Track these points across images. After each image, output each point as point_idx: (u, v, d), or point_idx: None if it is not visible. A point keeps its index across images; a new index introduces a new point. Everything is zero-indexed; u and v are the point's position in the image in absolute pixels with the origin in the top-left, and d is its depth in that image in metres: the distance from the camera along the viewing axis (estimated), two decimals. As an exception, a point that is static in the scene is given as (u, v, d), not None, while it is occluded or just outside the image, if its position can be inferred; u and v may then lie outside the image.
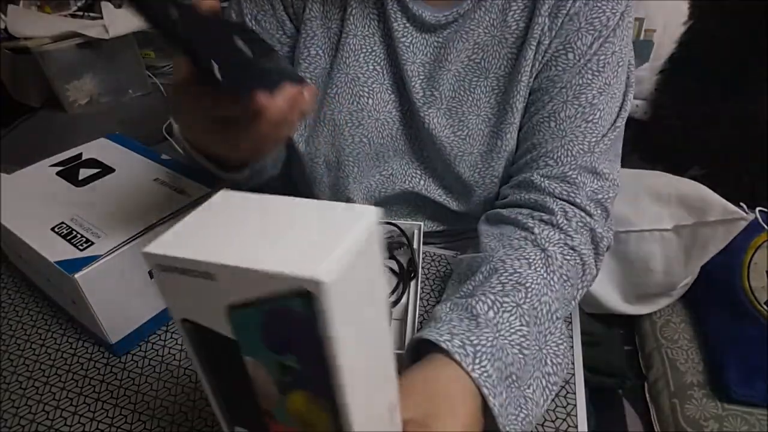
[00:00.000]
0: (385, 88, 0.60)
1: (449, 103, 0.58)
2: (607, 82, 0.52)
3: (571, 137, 0.52)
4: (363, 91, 0.59)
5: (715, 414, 0.86)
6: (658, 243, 0.98)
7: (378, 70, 0.59)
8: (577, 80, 0.52)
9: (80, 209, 0.49)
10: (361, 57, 0.58)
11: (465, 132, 0.58)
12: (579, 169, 0.51)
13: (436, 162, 0.62)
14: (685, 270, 0.98)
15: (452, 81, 0.57)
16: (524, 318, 0.41)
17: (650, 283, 1.01)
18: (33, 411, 0.44)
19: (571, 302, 0.48)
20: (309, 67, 0.60)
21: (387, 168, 0.64)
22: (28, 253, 0.46)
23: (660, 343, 1.01)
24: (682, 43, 1.05)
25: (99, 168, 0.55)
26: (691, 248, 0.95)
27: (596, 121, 0.52)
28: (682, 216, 0.95)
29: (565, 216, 0.49)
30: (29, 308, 0.54)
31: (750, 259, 0.92)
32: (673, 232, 0.96)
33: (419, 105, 0.58)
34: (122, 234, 0.45)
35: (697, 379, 0.92)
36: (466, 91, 0.57)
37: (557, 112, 0.53)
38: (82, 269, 0.42)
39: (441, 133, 0.58)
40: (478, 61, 0.56)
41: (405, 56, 0.56)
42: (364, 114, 0.60)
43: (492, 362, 0.37)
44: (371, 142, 0.62)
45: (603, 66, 0.52)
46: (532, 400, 0.40)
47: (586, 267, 0.49)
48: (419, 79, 0.57)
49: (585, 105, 0.52)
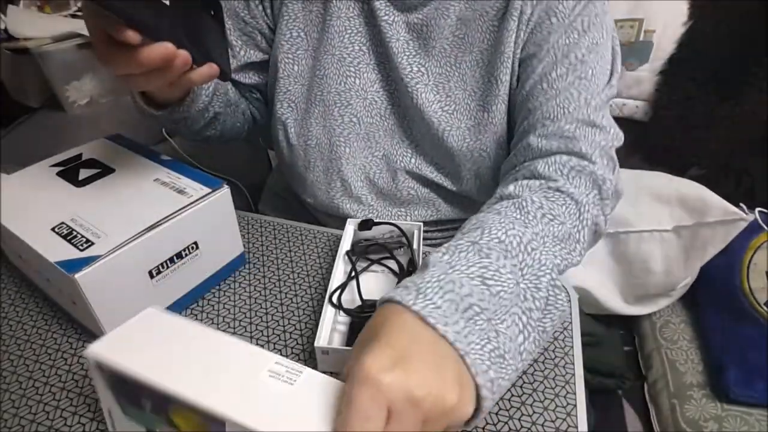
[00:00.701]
0: (372, 68, 0.61)
1: (436, 79, 0.59)
2: (594, 41, 0.52)
3: (566, 95, 0.51)
4: (350, 71, 0.61)
5: (714, 414, 0.86)
6: (657, 243, 0.98)
7: (364, 51, 0.61)
8: (564, 40, 0.52)
9: (80, 209, 0.49)
10: (346, 38, 0.59)
11: (452, 107, 0.59)
12: (577, 122, 0.50)
13: (425, 138, 0.63)
14: (684, 271, 0.98)
15: (438, 57, 0.58)
16: (483, 251, 0.38)
17: (650, 283, 1.01)
18: (33, 411, 0.44)
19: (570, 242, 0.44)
20: (291, 48, 0.62)
21: (379, 149, 0.65)
22: (28, 253, 0.46)
23: (660, 344, 1.01)
24: (682, 43, 1.05)
25: (99, 168, 0.55)
26: (691, 249, 0.95)
27: (589, 78, 0.51)
28: (682, 217, 0.95)
29: (555, 165, 0.48)
30: (29, 308, 0.54)
31: (749, 260, 0.92)
32: (673, 232, 0.96)
33: (407, 81, 0.59)
34: (122, 234, 0.45)
35: (697, 379, 0.92)
36: (452, 67, 0.58)
37: (548, 74, 0.52)
38: (82, 269, 0.42)
39: (429, 108, 0.59)
40: (462, 36, 0.57)
41: (389, 34, 0.58)
42: (352, 94, 0.62)
43: (441, 294, 0.34)
44: (361, 122, 0.63)
45: (588, 26, 0.52)
46: (505, 334, 0.34)
47: (581, 206, 0.46)
48: (405, 55, 0.58)
49: (575, 63, 0.52)
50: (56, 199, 0.50)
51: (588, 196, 0.47)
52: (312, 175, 0.68)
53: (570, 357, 0.48)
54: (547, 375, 0.46)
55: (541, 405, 0.44)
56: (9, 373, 0.47)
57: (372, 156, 0.65)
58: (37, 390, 0.46)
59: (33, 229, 0.46)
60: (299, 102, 0.64)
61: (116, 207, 0.49)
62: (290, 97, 0.64)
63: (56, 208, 0.49)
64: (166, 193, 0.51)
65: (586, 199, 0.46)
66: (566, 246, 0.43)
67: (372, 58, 0.61)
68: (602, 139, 0.50)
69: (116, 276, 0.45)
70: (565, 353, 0.48)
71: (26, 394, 0.45)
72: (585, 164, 0.48)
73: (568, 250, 0.43)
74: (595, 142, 0.49)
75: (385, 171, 0.66)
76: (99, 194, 0.51)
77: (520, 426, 0.42)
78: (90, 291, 0.43)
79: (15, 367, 0.48)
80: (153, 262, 0.47)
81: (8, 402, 0.45)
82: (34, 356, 0.49)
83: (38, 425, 0.43)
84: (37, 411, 0.44)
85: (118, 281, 0.45)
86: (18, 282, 0.57)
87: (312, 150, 0.65)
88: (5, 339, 0.50)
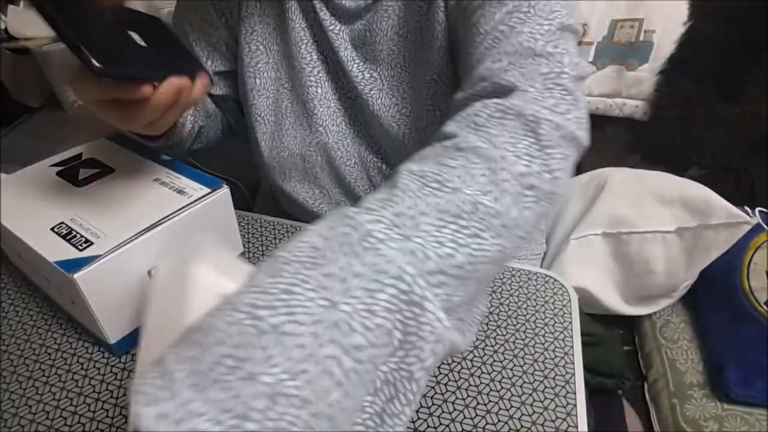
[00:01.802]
0: (330, 77, 0.61)
1: (389, 82, 0.58)
2: None
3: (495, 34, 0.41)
4: (311, 81, 0.61)
5: (714, 414, 0.86)
6: (660, 245, 0.98)
7: (321, 59, 0.60)
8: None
9: (80, 209, 0.49)
10: (303, 48, 0.59)
11: (409, 108, 0.58)
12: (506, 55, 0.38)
13: (388, 144, 0.62)
14: (686, 272, 0.98)
15: (388, 60, 0.58)
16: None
17: (651, 284, 1.01)
18: (33, 411, 0.44)
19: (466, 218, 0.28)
20: (251, 62, 0.62)
21: (350, 156, 0.65)
22: (28, 253, 0.46)
23: (660, 344, 1.01)
24: (682, 43, 1.05)
25: (99, 168, 0.55)
26: (694, 251, 0.95)
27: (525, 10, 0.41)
28: (685, 218, 0.95)
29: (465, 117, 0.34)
30: (29, 308, 0.54)
31: (750, 260, 0.92)
32: (676, 234, 0.96)
33: (361, 88, 0.59)
34: (122, 234, 0.45)
35: (697, 379, 0.92)
36: (402, 68, 0.58)
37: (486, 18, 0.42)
38: (82, 269, 0.42)
39: (387, 114, 0.59)
40: (406, 35, 0.56)
41: (336, 43, 0.57)
42: (315, 103, 0.62)
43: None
44: (328, 131, 0.63)
45: None
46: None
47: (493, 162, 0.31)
48: (355, 63, 0.58)
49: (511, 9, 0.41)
50: (56, 199, 0.50)
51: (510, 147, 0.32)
52: (289, 186, 0.68)
53: (570, 357, 0.48)
54: (547, 375, 0.46)
55: (541, 405, 0.44)
56: (9, 373, 0.47)
57: (344, 165, 0.65)
58: (37, 390, 0.46)
59: (33, 228, 0.46)
60: (267, 115, 0.64)
61: (116, 207, 0.49)
62: (257, 111, 0.64)
63: (56, 208, 0.49)
64: (166, 193, 0.51)
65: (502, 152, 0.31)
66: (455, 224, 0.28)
67: (330, 66, 0.61)
68: (544, 68, 0.37)
69: (116, 276, 0.45)
70: (565, 353, 0.48)
71: (26, 394, 0.45)
72: (509, 105, 0.34)
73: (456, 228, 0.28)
74: (529, 71, 0.37)
75: (360, 177, 0.66)
76: (99, 194, 0.51)
77: (520, 426, 0.42)
78: (89, 291, 0.43)
79: (15, 367, 0.48)
80: (153, 261, 0.47)
81: (8, 402, 0.45)
82: (34, 356, 0.49)
83: (38, 425, 0.43)
84: (37, 411, 0.44)
85: (117, 281, 0.45)
86: (18, 282, 0.57)
87: (285, 161, 0.66)
88: (5, 339, 0.50)
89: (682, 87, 1.06)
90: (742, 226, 0.89)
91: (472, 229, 0.28)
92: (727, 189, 0.98)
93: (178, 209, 0.48)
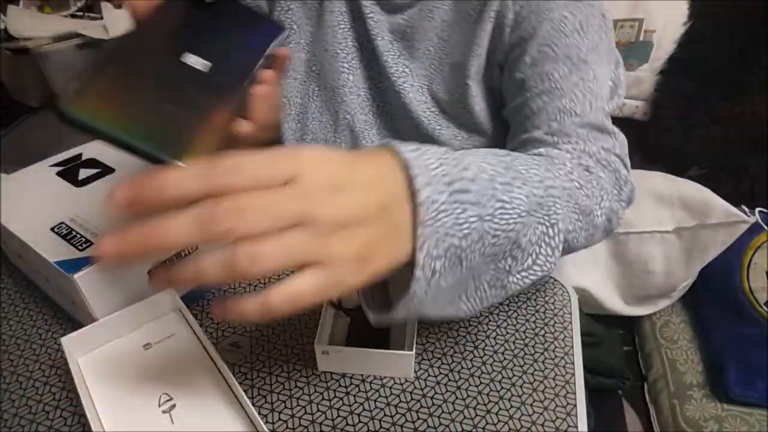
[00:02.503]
0: (363, 65, 0.61)
1: (420, 81, 0.58)
2: (594, 43, 0.50)
3: (570, 96, 0.48)
4: (343, 68, 0.60)
5: (714, 414, 0.86)
6: (658, 244, 0.98)
7: (356, 47, 0.60)
8: (564, 41, 0.49)
9: (80, 209, 0.49)
10: (339, 33, 0.59)
11: (438, 108, 0.59)
12: (587, 127, 0.47)
13: (413, 137, 0.62)
14: (685, 272, 0.98)
15: (422, 59, 0.58)
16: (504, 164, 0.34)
17: (650, 284, 1.01)
18: (33, 411, 0.44)
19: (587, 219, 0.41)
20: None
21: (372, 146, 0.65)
22: (28, 253, 0.46)
23: (660, 344, 1.01)
24: (682, 43, 1.05)
25: (99, 168, 0.55)
26: (692, 250, 0.95)
27: (592, 80, 0.48)
28: (684, 218, 0.95)
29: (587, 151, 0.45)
30: (29, 308, 0.53)
31: (750, 260, 0.92)
32: (674, 234, 0.96)
33: (394, 79, 0.58)
34: (122, 234, 0.45)
35: (697, 379, 0.92)
36: (435, 70, 0.57)
37: (550, 73, 0.49)
38: (82, 269, 0.42)
39: (417, 108, 0.58)
40: (446, 39, 0.56)
41: (374, 32, 0.57)
42: (345, 90, 0.61)
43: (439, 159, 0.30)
44: (355, 119, 0.63)
45: (587, 27, 0.49)
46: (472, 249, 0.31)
47: (604, 192, 0.43)
48: (391, 54, 0.58)
49: (578, 62, 0.49)
50: (56, 199, 0.50)
51: (611, 189, 0.44)
52: None
53: (570, 357, 0.48)
54: (547, 375, 0.46)
55: (541, 405, 0.44)
56: (9, 373, 0.47)
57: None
58: (37, 390, 0.46)
59: (33, 229, 0.46)
60: (293, 96, 0.63)
61: (116, 207, 0.49)
62: (284, 91, 0.63)
63: (56, 208, 0.49)
64: (166, 193, 0.51)
65: (608, 190, 0.44)
66: (582, 220, 0.40)
67: (364, 54, 0.60)
68: (614, 145, 0.48)
69: (115, 276, 0.45)
70: (565, 353, 0.48)
71: (26, 394, 0.45)
72: (607, 163, 0.45)
73: (582, 224, 0.40)
74: (607, 147, 0.47)
75: None
76: (99, 194, 0.51)
77: (520, 426, 0.42)
78: (89, 291, 0.43)
79: (15, 367, 0.48)
80: (153, 262, 0.47)
81: (8, 402, 0.45)
82: (34, 356, 0.49)
83: (38, 425, 0.43)
84: (37, 411, 0.44)
85: (117, 281, 0.45)
86: (18, 282, 0.57)
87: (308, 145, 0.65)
88: (5, 339, 0.50)
89: (682, 87, 1.06)
90: (740, 225, 0.90)
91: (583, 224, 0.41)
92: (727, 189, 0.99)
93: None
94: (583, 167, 0.44)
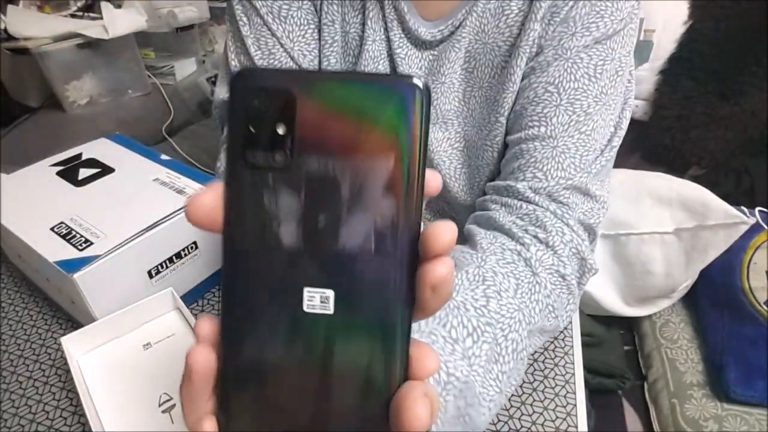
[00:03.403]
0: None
1: (445, 116, 0.57)
2: (604, 90, 0.48)
3: (563, 148, 0.48)
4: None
5: (714, 414, 0.86)
6: (658, 246, 0.98)
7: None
8: (572, 85, 0.48)
9: (80, 209, 0.49)
10: (380, 65, 0.57)
11: (462, 144, 0.57)
12: (571, 189, 0.47)
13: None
14: (685, 273, 0.98)
15: (447, 93, 0.56)
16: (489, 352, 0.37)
17: (650, 285, 1.01)
18: (33, 411, 0.44)
19: (548, 333, 0.44)
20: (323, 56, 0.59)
21: None
22: (28, 253, 0.46)
23: (659, 343, 1.01)
24: (682, 43, 1.05)
25: (99, 168, 0.55)
26: (692, 251, 0.95)
27: (589, 133, 0.48)
28: (684, 219, 0.95)
29: (562, 239, 0.44)
30: (29, 308, 0.54)
31: (749, 259, 0.92)
32: (674, 235, 0.96)
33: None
34: (121, 234, 0.45)
35: (697, 379, 0.92)
36: (460, 102, 0.56)
37: (549, 117, 0.48)
38: (82, 269, 0.42)
39: (439, 147, 0.57)
40: (471, 71, 0.55)
41: (401, 68, 0.56)
42: None
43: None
44: None
45: (600, 72, 0.48)
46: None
47: (571, 297, 0.45)
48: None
49: (579, 113, 0.48)
50: (56, 199, 0.50)
51: (575, 288, 0.45)
52: None
53: (570, 357, 0.48)
54: (547, 375, 0.46)
55: (541, 405, 0.44)
56: (9, 373, 0.47)
57: None
58: (37, 390, 0.46)
59: (32, 228, 0.46)
60: None
61: (116, 207, 0.49)
62: None
63: (56, 207, 0.49)
64: (166, 193, 0.51)
65: (575, 291, 0.45)
66: (542, 338, 0.44)
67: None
68: (590, 211, 0.47)
69: (115, 276, 0.45)
70: (565, 353, 0.48)
71: (26, 394, 0.45)
72: (580, 246, 0.45)
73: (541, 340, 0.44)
74: (583, 215, 0.47)
75: None
76: (98, 194, 0.51)
77: (520, 426, 0.42)
78: (89, 291, 0.43)
79: (15, 367, 0.48)
80: (152, 261, 0.47)
81: (8, 402, 0.45)
82: (34, 356, 0.49)
83: (38, 425, 0.43)
84: (37, 411, 0.44)
85: (117, 281, 0.45)
86: (18, 282, 0.57)
87: None
88: (5, 339, 0.50)
89: (682, 87, 1.06)
90: (739, 226, 0.90)
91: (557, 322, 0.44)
92: (727, 189, 0.99)
93: (178, 209, 0.48)
94: (560, 275, 0.43)
